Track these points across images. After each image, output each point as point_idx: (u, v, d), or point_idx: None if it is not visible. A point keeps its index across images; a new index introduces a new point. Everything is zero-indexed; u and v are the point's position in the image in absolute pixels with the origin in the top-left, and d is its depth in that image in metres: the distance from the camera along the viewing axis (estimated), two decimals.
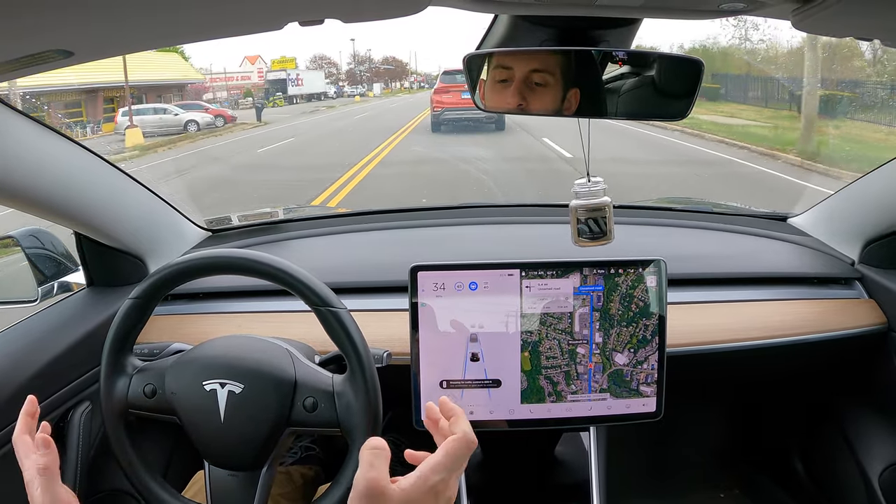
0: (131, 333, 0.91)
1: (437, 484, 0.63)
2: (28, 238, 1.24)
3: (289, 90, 37.02)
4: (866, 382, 1.42)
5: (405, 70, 70.24)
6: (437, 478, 0.64)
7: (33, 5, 0.53)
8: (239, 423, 0.87)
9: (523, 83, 0.90)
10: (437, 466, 0.64)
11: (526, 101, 0.91)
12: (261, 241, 1.53)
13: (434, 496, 0.63)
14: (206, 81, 35.39)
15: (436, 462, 0.65)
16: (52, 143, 1.04)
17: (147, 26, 0.67)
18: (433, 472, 0.64)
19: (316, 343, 1.03)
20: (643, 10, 0.77)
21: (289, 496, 1.23)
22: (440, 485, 0.64)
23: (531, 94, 0.90)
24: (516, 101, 0.91)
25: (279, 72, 38.22)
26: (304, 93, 38.16)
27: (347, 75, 61.63)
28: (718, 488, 1.78)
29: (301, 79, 38.34)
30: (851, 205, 1.42)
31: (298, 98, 37.09)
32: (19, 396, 1.02)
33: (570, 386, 1.08)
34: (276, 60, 40.21)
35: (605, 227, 1.02)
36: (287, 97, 36.20)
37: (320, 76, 44.91)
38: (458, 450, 0.66)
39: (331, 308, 0.86)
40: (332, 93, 43.17)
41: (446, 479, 0.64)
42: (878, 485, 1.35)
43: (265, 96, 34.57)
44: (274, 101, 34.25)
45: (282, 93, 36.18)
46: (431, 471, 0.64)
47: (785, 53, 17.71)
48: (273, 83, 37.55)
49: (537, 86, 0.90)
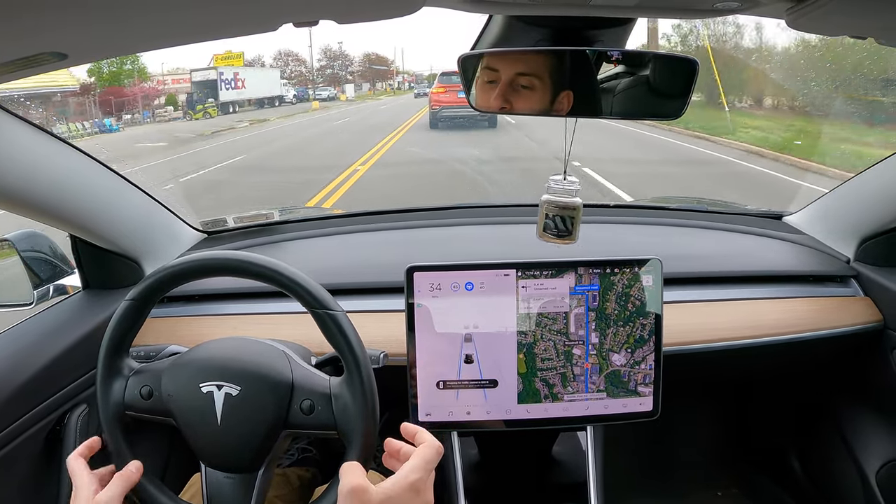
0: (127, 336, 0.91)
1: (415, 482, 0.73)
2: (23, 241, 1.24)
3: (221, 95, 28.55)
4: (862, 380, 1.42)
5: (390, 69, 65.12)
6: (416, 476, 0.73)
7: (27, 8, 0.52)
8: (236, 425, 0.86)
9: (508, 86, 0.91)
10: (415, 467, 0.74)
11: (510, 103, 0.92)
12: (257, 243, 1.53)
13: (415, 493, 0.72)
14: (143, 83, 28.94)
15: (413, 464, 0.74)
16: (47, 146, 1.03)
17: (140, 28, 0.66)
18: (411, 472, 0.73)
19: (312, 345, 1.03)
20: (637, 10, 0.78)
21: (285, 498, 1.22)
22: (419, 482, 0.73)
23: (516, 97, 0.91)
24: (499, 104, 0.93)
25: (207, 70, 29.54)
26: (248, 97, 30.59)
27: (319, 74, 55.95)
28: (716, 487, 1.78)
29: (242, 80, 30.16)
30: (846, 203, 1.43)
31: (238, 105, 29.24)
32: (16, 399, 1.02)
33: (567, 388, 1.08)
34: (220, 56, 32.05)
35: (570, 227, 1.03)
36: (223, 104, 28.14)
37: (272, 76, 36.23)
38: (429, 454, 0.76)
39: (328, 311, 0.86)
40: (292, 97, 37.01)
41: (424, 478, 0.74)
42: (875, 482, 1.36)
43: (189, 104, 26.90)
44: (204, 109, 25.72)
45: (213, 98, 28.12)
46: (409, 471, 0.73)
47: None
48: (201, 87, 28.60)
49: (523, 88, 0.91)
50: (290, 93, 37.16)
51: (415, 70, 71.77)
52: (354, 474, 0.72)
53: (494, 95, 0.92)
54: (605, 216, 1.68)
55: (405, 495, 0.71)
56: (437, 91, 14.54)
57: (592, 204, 1.70)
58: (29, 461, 1.04)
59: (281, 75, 40.23)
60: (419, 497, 0.72)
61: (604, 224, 1.62)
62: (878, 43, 0.81)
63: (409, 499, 0.72)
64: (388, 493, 0.71)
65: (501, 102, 0.92)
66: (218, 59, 31.43)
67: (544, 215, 1.03)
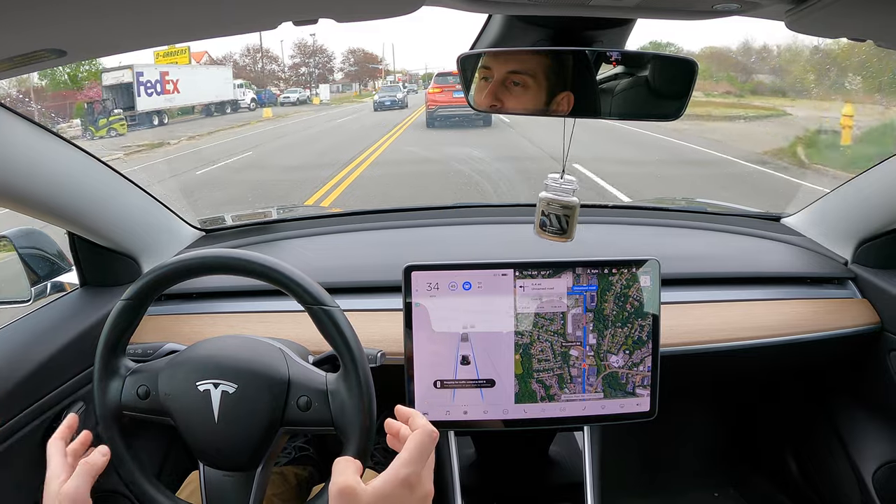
0: (124, 335, 0.91)
1: (408, 476, 0.66)
2: (21, 238, 1.24)
3: (140, 102, 21.21)
4: (859, 382, 1.42)
5: (379, 67, 57.26)
6: (408, 471, 0.66)
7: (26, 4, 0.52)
8: (233, 423, 0.86)
9: (500, 84, 0.90)
10: (406, 461, 0.67)
11: (501, 101, 0.91)
12: (254, 241, 1.53)
13: (408, 489, 0.66)
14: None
15: (403, 458, 0.67)
16: (46, 143, 1.03)
17: (140, 25, 0.66)
18: (402, 466, 0.66)
19: (310, 343, 1.03)
20: (637, 11, 0.77)
21: (283, 496, 1.23)
22: (412, 477, 0.66)
23: (508, 95, 0.91)
24: (489, 102, 0.92)
25: (120, 71, 21.57)
26: (183, 104, 23.66)
27: (293, 73, 49.61)
28: (713, 487, 1.78)
29: (174, 82, 22.65)
30: (845, 205, 1.43)
31: (165, 116, 21.75)
32: (13, 396, 1.02)
33: (564, 390, 1.08)
34: (161, 53, 23.52)
35: (565, 226, 1.02)
36: (145, 114, 21.03)
37: (220, 76, 27.00)
38: (421, 442, 0.68)
39: (323, 306, 0.86)
40: (249, 101, 28.67)
41: (417, 471, 0.67)
42: (871, 483, 1.36)
43: (91, 117, 18.70)
44: (109, 124, 18.35)
45: (124, 108, 20.47)
46: (401, 465, 0.67)
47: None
48: (114, 92, 21.23)
49: (515, 86, 0.90)
50: (248, 96, 29.15)
51: (409, 69, 66.05)
52: (344, 473, 0.67)
53: (486, 94, 0.91)
54: (603, 217, 1.68)
55: (398, 492, 0.65)
56: (434, 91, 15.06)
57: (590, 204, 1.70)
58: (26, 458, 1.04)
59: (250, 73, 37.20)
60: (414, 492, 0.66)
61: (602, 224, 1.62)
62: (876, 45, 0.81)
63: (403, 495, 0.65)
64: (380, 491, 0.65)
65: (492, 100, 0.91)
66: (159, 56, 23.66)
67: (541, 213, 1.03)
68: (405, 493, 0.66)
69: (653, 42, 26.56)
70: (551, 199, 1.02)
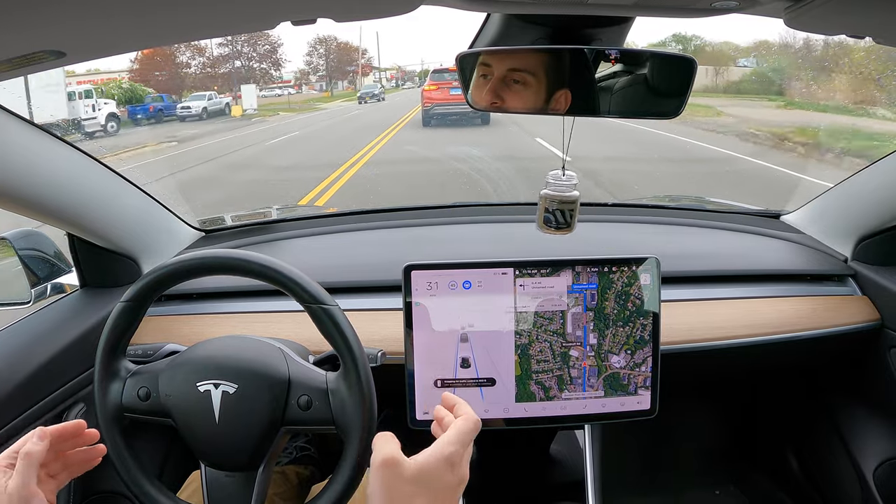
0: (123, 337, 0.91)
1: (451, 455, 0.68)
2: (21, 239, 1.24)
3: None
4: (860, 379, 1.42)
5: (362, 63, 46.61)
6: (452, 449, 0.68)
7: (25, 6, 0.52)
8: (234, 424, 0.87)
9: (500, 82, 0.90)
10: (451, 439, 0.69)
11: (501, 99, 0.91)
12: (254, 241, 1.53)
13: (450, 467, 0.67)
14: None
15: (448, 437, 0.70)
16: (45, 144, 1.03)
17: (139, 26, 0.66)
18: (447, 445, 0.69)
19: (310, 343, 1.03)
20: (635, 9, 0.77)
21: (284, 496, 1.23)
22: (454, 456, 0.68)
23: (508, 93, 0.90)
24: (490, 99, 0.91)
25: None
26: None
27: (212, 68, 34.00)
28: (713, 485, 1.78)
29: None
30: (844, 202, 1.43)
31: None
32: (13, 398, 1.02)
33: (563, 391, 1.08)
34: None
35: (569, 220, 1.03)
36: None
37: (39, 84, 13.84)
38: (466, 426, 0.71)
39: (322, 305, 0.86)
40: (104, 121, 17.37)
41: (460, 451, 0.69)
42: (872, 480, 1.36)
43: None
44: None
45: None
46: (445, 443, 0.69)
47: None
48: None
49: (515, 84, 0.90)
50: (102, 112, 17.76)
51: (402, 64, 58.59)
52: (388, 446, 0.68)
53: (485, 91, 0.91)
54: (602, 215, 1.68)
55: (440, 467, 0.67)
56: (430, 88, 14.45)
57: (590, 203, 1.70)
58: None
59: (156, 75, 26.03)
60: (454, 472, 0.68)
61: (601, 223, 1.62)
62: (875, 42, 0.81)
63: (444, 472, 0.67)
64: (422, 465, 0.66)
65: (492, 98, 0.91)
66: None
67: (544, 209, 1.03)
68: (446, 471, 0.67)
69: (676, 35, 25.73)
70: (553, 195, 1.02)
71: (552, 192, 1.02)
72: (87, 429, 0.81)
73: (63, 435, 0.77)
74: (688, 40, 26.80)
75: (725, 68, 23.15)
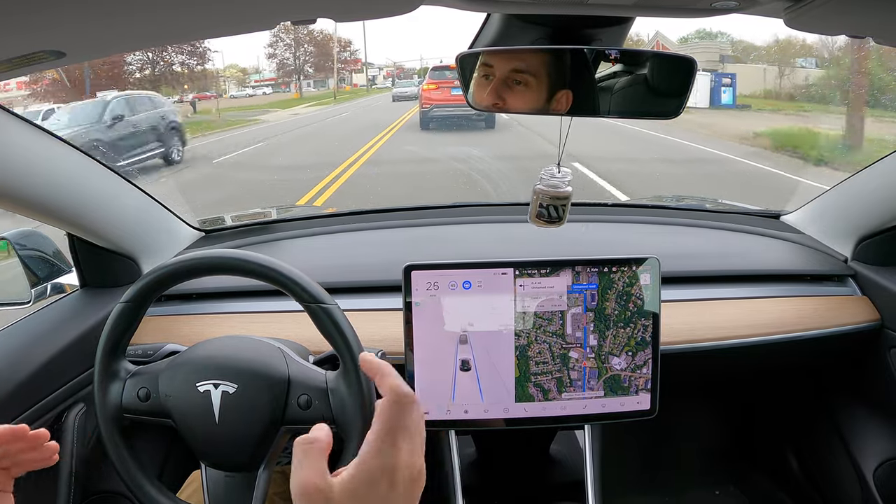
0: (123, 338, 0.91)
1: (381, 467, 0.51)
2: (21, 240, 1.24)
3: None
4: (860, 379, 1.42)
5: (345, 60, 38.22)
6: (377, 462, 0.51)
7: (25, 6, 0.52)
8: (234, 424, 0.87)
9: (502, 82, 0.89)
10: (376, 442, 0.52)
11: (503, 99, 0.90)
12: (254, 242, 1.53)
13: (388, 476, 0.51)
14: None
15: (373, 439, 0.52)
16: (44, 144, 1.03)
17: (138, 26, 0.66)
18: (372, 456, 0.51)
19: (310, 343, 1.03)
20: (635, 9, 0.77)
21: (284, 495, 1.23)
22: (386, 466, 0.51)
23: (510, 93, 0.90)
24: (492, 100, 0.91)
25: None
26: None
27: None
28: (713, 485, 1.78)
29: None
30: (844, 202, 1.43)
31: None
32: (13, 398, 1.02)
33: (563, 394, 1.08)
34: None
35: (561, 214, 1.03)
36: None
37: None
38: (389, 411, 0.53)
39: (321, 304, 0.86)
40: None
41: (391, 455, 0.52)
42: (872, 480, 1.36)
43: None
44: None
45: None
46: (369, 455, 0.52)
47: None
48: None
49: (517, 84, 0.89)
50: None
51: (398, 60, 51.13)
52: (304, 465, 0.51)
53: (488, 91, 0.90)
54: (602, 215, 1.68)
55: (374, 481, 0.51)
56: (429, 87, 12.79)
57: (590, 203, 1.70)
58: None
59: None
60: (395, 479, 0.51)
61: (601, 223, 1.62)
62: (876, 42, 0.81)
63: (380, 489, 0.51)
64: (351, 486, 0.51)
65: (495, 98, 0.90)
66: None
67: (538, 204, 1.03)
68: (383, 486, 0.51)
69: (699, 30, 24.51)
70: (547, 191, 1.02)
71: (545, 187, 1.02)
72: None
73: (3, 436, 0.73)
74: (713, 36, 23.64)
75: (790, 70, 19.36)
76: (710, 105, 16.58)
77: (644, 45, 18.99)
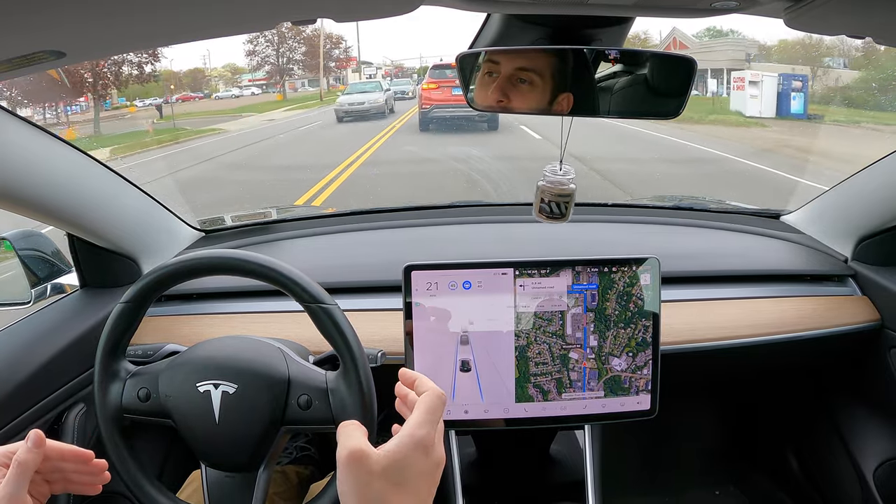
0: (123, 338, 0.91)
1: (423, 438, 0.62)
2: (21, 240, 1.24)
3: None
4: (860, 379, 1.42)
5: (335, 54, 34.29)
6: (422, 432, 0.62)
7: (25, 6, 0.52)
8: (234, 424, 0.87)
9: (507, 80, 0.89)
10: (418, 422, 0.63)
11: (508, 98, 0.90)
12: (254, 242, 1.53)
13: (423, 452, 0.62)
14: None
15: (415, 420, 0.63)
16: (44, 144, 1.03)
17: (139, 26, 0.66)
18: (416, 427, 0.63)
19: (310, 343, 1.03)
20: (635, 9, 0.77)
21: (284, 495, 1.23)
22: (426, 439, 0.62)
23: (514, 92, 0.89)
24: (496, 98, 0.90)
25: None
26: None
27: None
28: (713, 485, 1.78)
29: None
30: (844, 202, 1.43)
31: None
32: (13, 398, 1.02)
33: (563, 395, 1.08)
34: None
35: (564, 211, 1.02)
36: None
37: None
38: (431, 402, 0.65)
39: (321, 304, 0.86)
40: None
41: (431, 432, 0.63)
42: (872, 480, 1.36)
43: None
44: None
45: None
46: (414, 427, 0.63)
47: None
48: None
49: (521, 83, 0.89)
50: None
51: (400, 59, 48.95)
52: (353, 438, 0.62)
53: (492, 89, 0.90)
54: (602, 215, 1.68)
55: (413, 454, 0.61)
56: (429, 87, 12.32)
57: (590, 203, 1.70)
58: None
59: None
60: (428, 456, 0.62)
61: (601, 223, 1.62)
62: (876, 42, 0.81)
63: (418, 458, 0.61)
64: (393, 455, 0.60)
65: (499, 96, 0.90)
66: None
67: (540, 200, 1.03)
68: (420, 457, 0.62)
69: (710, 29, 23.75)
70: (550, 188, 1.02)
71: (547, 184, 1.02)
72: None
73: (63, 455, 0.74)
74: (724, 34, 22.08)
75: (824, 71, 17.25)
76: (776, 114, 13.60)
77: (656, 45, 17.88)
